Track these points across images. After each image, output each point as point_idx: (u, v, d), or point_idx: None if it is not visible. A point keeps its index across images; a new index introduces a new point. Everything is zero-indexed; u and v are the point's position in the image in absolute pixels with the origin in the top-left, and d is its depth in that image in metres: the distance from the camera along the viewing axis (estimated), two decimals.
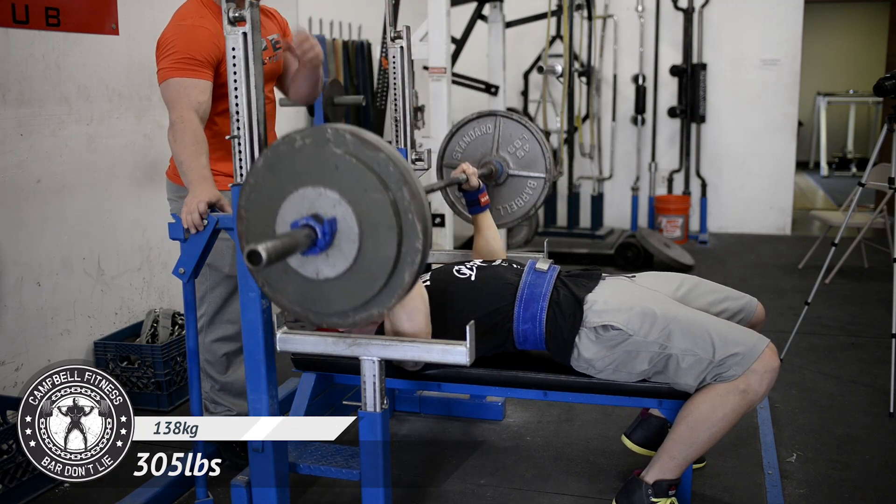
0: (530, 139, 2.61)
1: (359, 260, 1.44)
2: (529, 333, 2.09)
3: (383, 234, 1.42)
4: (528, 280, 2.13)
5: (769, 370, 1.92)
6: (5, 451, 2.27)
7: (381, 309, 1.49)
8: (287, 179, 1.47)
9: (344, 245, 1.44)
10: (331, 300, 1.51)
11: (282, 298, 1.56)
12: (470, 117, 2.68)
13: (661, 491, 2.04)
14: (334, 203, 1.43)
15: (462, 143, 2.69)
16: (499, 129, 2.63)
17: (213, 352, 2.46)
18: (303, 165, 1.45)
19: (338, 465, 1.96)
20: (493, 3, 4.88)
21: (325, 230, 1.43)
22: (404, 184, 1.41)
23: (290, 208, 1.46)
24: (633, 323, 2.00)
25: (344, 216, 1.43)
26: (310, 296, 1.52)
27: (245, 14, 1.66)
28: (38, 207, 2.68)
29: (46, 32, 2.66)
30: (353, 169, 1.41)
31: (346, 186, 1.42)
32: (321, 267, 1.47)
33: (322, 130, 1.45)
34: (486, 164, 2.61)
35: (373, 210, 1.41)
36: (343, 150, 1.43)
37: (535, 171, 2.63)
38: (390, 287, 1.46)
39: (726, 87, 6.23)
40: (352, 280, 1.47)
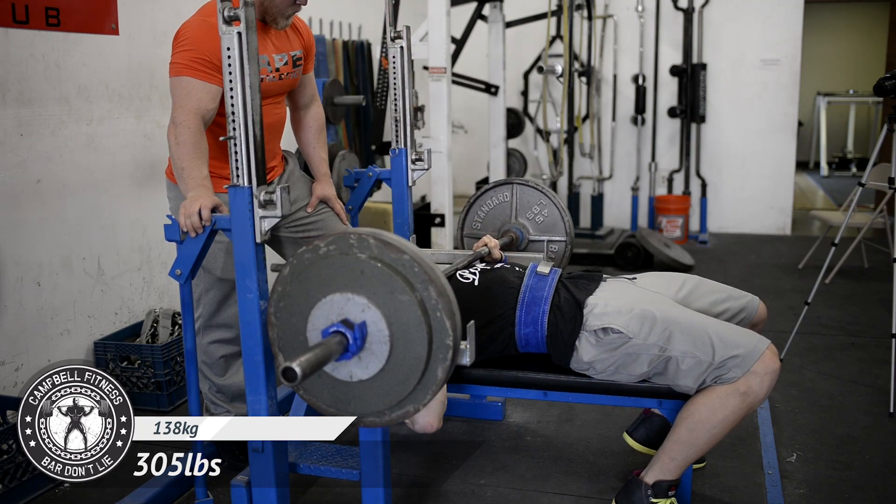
0: (548, 204, 2.65)
1: (391, 361, 1.47)
2: (531, 337, 2.10)
3: (413, 334, 1.44)
4: (530, 283, 2.14)
5: (769, 372, 1.92)
6: (5, 451, 2.27)
7: (416, 405, 1.51)
8: (315, 287, 1.50)
9: (375, 347, 1.47)
10: (366, 401, 1.53)
11: (317, 401, 1.59)
12: (487, 188, 2.71)
13: (661, 491, 2.04)
14: (363, 307, 1.45)
15: (481, 213, 2.73)
16: (516, 196, 2.67)
17: (210, 354, 2.46)
18: (329, 272, 1.48)
19: (338, 465, 1.97)
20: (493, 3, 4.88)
21: (356, 335, 1.45)
22: (430, 283, 1.43)
23: (319, 315, 1.49)
24: (633, 325, 2.00)
25: (373, 319, 1.45)
26: (345, 398, 1.55)
27: (240, 13, 1.66)
28: (38, 207, 2.68)
29: (46, 32, 2.66)
30: (378, 273, 1.44)
31: (373, 290, 1.45)
32: (354, 370, 1.50)
33: (345, 237, 1.48)
34: (506, 233, 2.64)
35: (401, 311, 1.44)
36: (367, 254, 1.45)
37: (556, 235, 2.66)
38: (424, 384, 1.48)
39: (726, 87, 6.23)
40: (385, 380, 1.49)
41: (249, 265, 1.77)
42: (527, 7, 5.57)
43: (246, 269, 1.78)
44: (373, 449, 1.88)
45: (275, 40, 2.28)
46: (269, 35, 2.26)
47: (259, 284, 1.79)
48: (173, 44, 2.15)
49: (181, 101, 2.08)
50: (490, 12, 4.92)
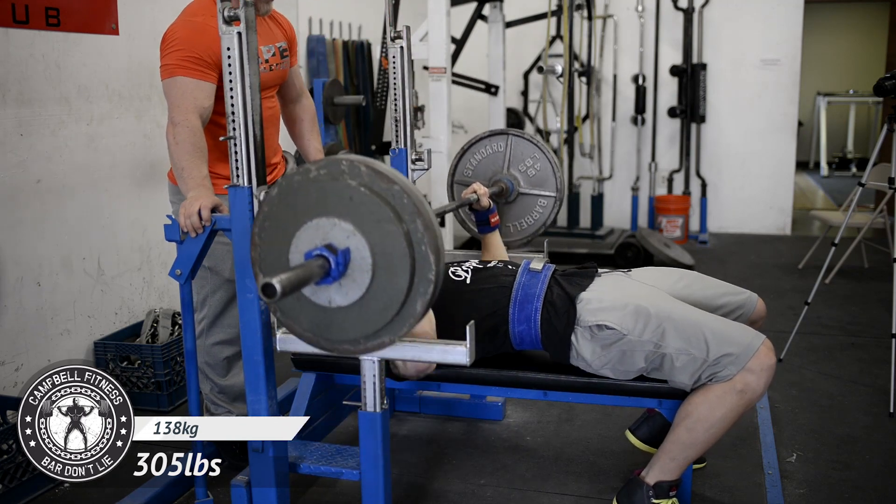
0: (541, 158, 2.63)
1: (371, 290, 1.46)
2: (525, 334, 2.09)
3: (396, 264, 1.43)
4: (523, 281, 2.13)
5: (765, 368, 1.92)
6: (5, 451, 2.27)
7: (392, 336, 1.51)
8: (302, 210, 1.49)
9: (357, 275, 1.46)
10: (343, 328, 1.53)
11: (294, 325, 1.58)
12: (482, 135, 2.70)
13: (662, 492, 2.04)
14: (348, 234, 1.45)
15: (473, 161, 2.71)
16: (510, 147, 2.65)
17: (213, 355, 2.46)
18: (318, 196, 1.47)
19: (338, 465, 1.96)
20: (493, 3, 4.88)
21: (338, 261, 1.44)
22: (418, 216, 1.43)
23: (304, 238, 1.48)
24: (627, 322, 2.00)
25: (357, 247, 1.45)
26: (322, 323, 1.54)
27: (240, 13, 1.66)
28: (38, 207, 2.68)
29: (46, 32, 2.66)
30: (367, 201, 1.43)
31: (361, 218, 1.44)
32: (334, 296, 1.49)
33: (337, 162, 1.47)
34: (496, 183, 2.63)
35: (386, 241, 1.43)
36: (358, 181, 1.45)
37: (546, 190, 2.65)
38: (402, 316, 1.48)
39: (726, 87, 6.23)
40: (364, 309, 1.49)
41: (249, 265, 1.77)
42: (527, 7, 5.57)
43: (246, 269, 1.78)
44: (373, 449, 1.88)
45: (261, 33, 2.27)
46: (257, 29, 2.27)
47: None
48: (161, 47, 2.14)
49: (177, 101, 2.08)
50: (490, 12, 4.92)
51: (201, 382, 2.50)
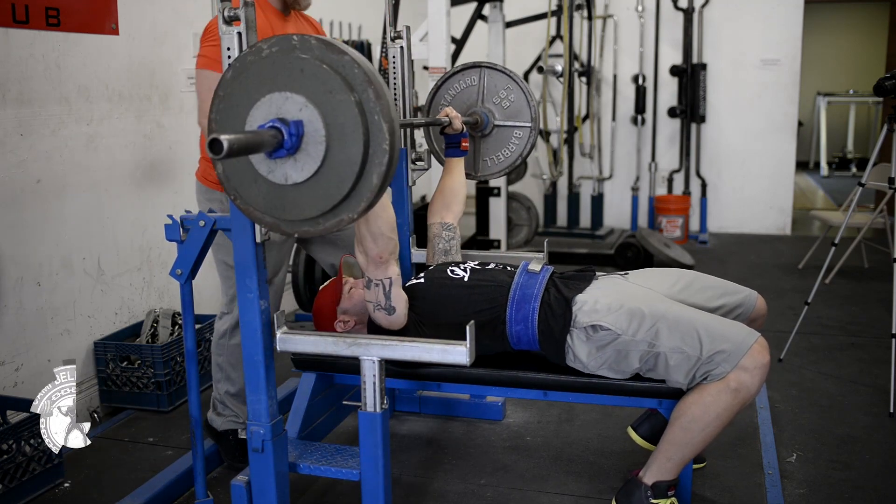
0: (515, 89, 2.62)
1: (326, 162, 1.45)
2: (522, 334, 2.10)
3: (349, 135, 1.42)
4: (521, 281, 2.14)
5: (759, 366, 1.92)
6: (5, 451, 2.27)
7: (350, 214, 1.49)
8: (254, 87, 1.48)
9: (311, 148, 1.45)
10: (300, 206, 1.51)
11: (253, 210, 1.57)
12: (455, 69, 2.67)
13: (660, 492, 2.04)
14: (300, 106, 1.44)
15: (447, 97, 2.69)
16: (483, 80, 2.63)
17: (237, 355, 2.45)
18: (270, 72, 1.47)
19: (338, 465, 1.97)
20: (493, 3, 4.88)
21: (291, 131, 1.43)
22: (369, 84, 1.42)
23: (257, 114, 1.48)
24: (622, 322, 2.00)
25: (310, 119, 1.44)
26: (279, 203, 1.53)
27: (240, 13, 1.66)
28: (38, 207, 2.68)
29: (46, 32, 2.66)
30: (318, 72, 1.43)
31: (312, 90, 1.43)
32: (290, 171, 1.48)
33: (288, 37, 1.47)
34: (471, 115, 2.61)
35: (339, 112, 1.42)
36: (309, 55, 1.44)
37: (521, 121, 2.63)
38: (359, 190, 1.46)
39: (726, 87, 6.23)
40: (320, 184, 1.47)
41: (249, 265, 1.77)
42: (527, 7, 5.57)
43: (246, 269, 1.78)
44: (373, 449, 1.88)
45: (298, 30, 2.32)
46: (289, 27, 2.32)
47: (259, 284, 1.79)
48: (203, 36, 2.20)
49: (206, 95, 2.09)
50: (490, 12, 4.92)
51: (217, 382, 2.50)
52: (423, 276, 2.25)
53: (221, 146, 1.27)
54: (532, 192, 6.26)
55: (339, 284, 2.20)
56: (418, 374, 2.20)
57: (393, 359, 1.84)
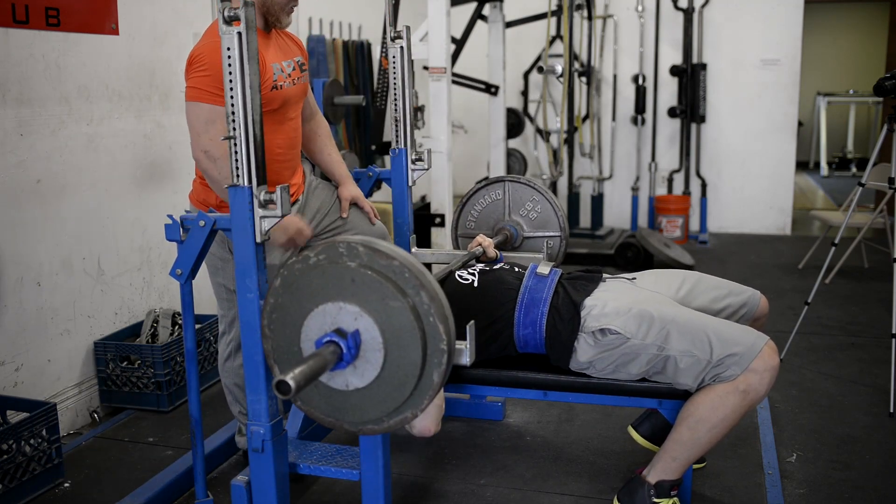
0: (541, 200, 2.64)
1: (386, 367, 1.47)
2: (530, 338, 2.10)
3: (407, 339, 1.44)
4: (529, 285, 2.14)
5: (768, 369, 1.92)
6: (5, 451, 2.27)
7: (414, 411, 1.51)
8: (306, 297, 1.50)
9: (370, 355, 1.47)
10: (363, 408, 1.53)
11: (314, 412, 1.59)
12: (478, 186, 2.71)
13: (664, 492, 2.04)
14: (355, 316, 1.45)
15: (474, 213, 2.72)
16: (508, 193, 2.67)
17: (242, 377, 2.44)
18: (320, 282, 1.48)
19: (338, 465, 1.97)
20: (493, 3, 4.89)
21: (349, 344, 1.45)
22: (421, 288, 1.43)
23: (312, 325, 1.49)
24: (631, 326, 2.00)
25: (367, 327, 1.45)
26: (342, 407, 1.55)
27: (240, 13, 1.66)
28: (38, 207, 2.68)
29: (46, 32, 2.66)
30: (369, 280, 1.44)
31: (365, 298, 1.45)
32: (350, 378, 1.50)
33: (334, 245, 1.48)
34: (500, 231, 2.64)
35: (394, 318, 1.44)
36: (357, 262, 1.45)
37: (550, 231, 2.65)
38: (420, 389, 1.48)
39: (726, 87, 6.23)
40: (382, 387, 1.49)
41: (249, 265, 1.77)
42: (527, 7, 5.58)
43: (246, 269, 1.78)
44: (373, 449, 1.88)
45: (279, 48, 2.28)
46: (271, 44, 2.25)
47: (259, 284, 1.79)
48: (189, 67, 2.11)
49: (205, 129, 2.06)
50: (490, 12, 4.92)
51: (230, 404, 2.51)
52: None
53: (289, 388, 1.30)
54: None
55: None
56: None
57: None
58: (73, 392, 2.85)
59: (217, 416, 2.88)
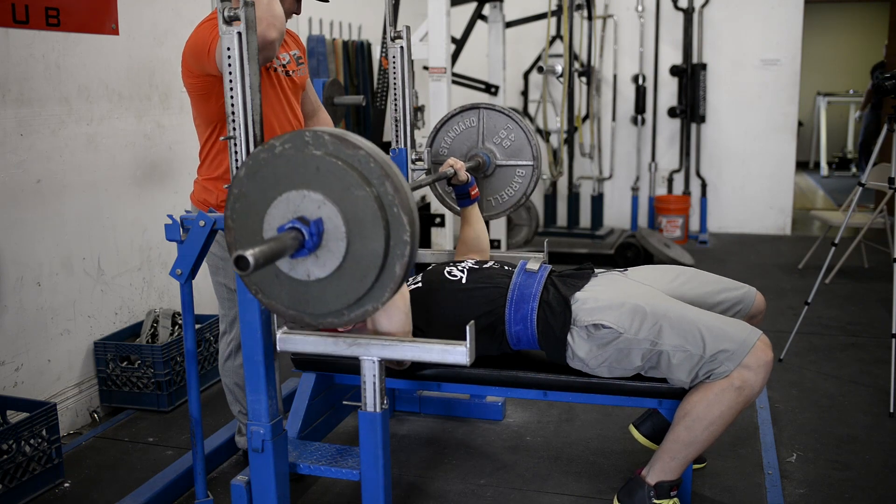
0: (515, 128, 2.63)
1: (348, 257, 1.45)
2: (522, 334, 2.10)
3: (370, 229, 1.43)
4: (519, 281, 2.14)
5: (762, 364, 1.92)
6: (5, 451, 2.27)
7: (375, 304, 1.49)
8: (270, 185, 1.48)
9: (332, 244, 1.45)
10: (324, 300, 1.52)
11: (276, 304, 1.57)
12: (453, 112, 2.69)
13: (664, 492, 2.04)
14: (319, 204, 1.44)
15: (448, 139, 2.71)
16: (483, 121, 2.65)
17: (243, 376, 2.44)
18: (284, 170, 1.47)
19: (338, 465, 1.96)
20: (493, 3, 4.88)
21: (311, 231, 1.44)
22: (386, 178, 1.42)
23: (275, 213, 1.48)
24: (624, 321, 2.00)
25: (330, 216, 1.44)
26: (303, 298, 1.53)
27: (240, 13, 1.66)
28: (38, 207, 2.68)
29: (46, 32, 2.66)
30: (334, 169, 1.43)
31: (329, 186, 1.43)
32: (311, 268, 1.48)
33: (300, 134, 1.47)
34: (473, 157, 2.63)
35: (357, 207, 1.42)
36: (323, 151, 1.44)
37: (523, 160, 2.64)
38: (382, 281, 1.47)
39: (726, 87, 6.23)
40: (343, 278, 1.47)
41: None
42: (527, 7, 5.57)
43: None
44: (373, 449, 1.88)
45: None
46: None
47: None
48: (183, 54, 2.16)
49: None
50: (490, 12, 4.92)
51: (230, 404, 2.51)
52: (420, 280, 2.24)
53: (248, 263, 1.28)
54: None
55: None
56: (418, 374, 2.20)
57: (393, 359, 1.84)
58: (73, 392, 2.85)
59: (217, 416, 2.88)
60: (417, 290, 2.19)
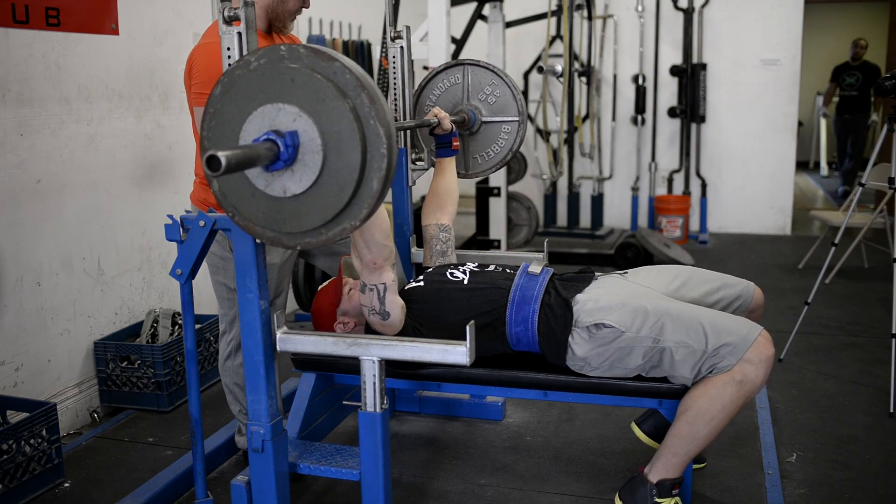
0: (500, 84, 2.61)
1: (325, 171, 1.43)
2: (522, 336, 2.10)
3: (346, 142, 1.40)
4: (520, 283, 2.14)
5: (764, 359, 1.93)
6: (5, 451, 2.27)
7: (352, 221, 1.46)
8: (246, 101, 1.46)
9: (308, 158, 1.43)
10: (301, 218, 1.49)
11: (253, 225, 1.54)
12: (437, 69, 2.67)
13: (665, 490, 2.04)
14: (294, 117, 1.42)
15: (433, 97, 2.69)
16: (467, 77, 2.63)
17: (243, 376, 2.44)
18: (260, 85, 1.44)
19: (338, 465, 1.96)
20: (493, 3, 4.88)
21: (286, 143, 1.41)
22: (362, 90, 1.40)
23: (250, 129, 1.45)
24: (625, 319, 2.00)
25: (305, 128, 1.42)
26: (280, 216, 1.50)
27: (240, 13, 1.66)
28: (38, 207, 2.68)
29: (46, 32, 2.66)
30: (309, 80, 1.40)
31: (305, 99, 1.41)
32: (287, 184, 1.45)
33: (276, 49, 1.44)
34: (458, 113, 2.61)
35: (333, 119, 1.40)
36: (298, 64, 1.42)
37: (509, 116, 2.63)
38: (360, 197, 1.44)
39: (726, 87, 6.23)
40: (320, 193, 1.45)
41: (249, 265, 1.77)
42: (527, 7, 5.57)
43: (246, 269, 1.78)
44: (373, 449, 1.88)
45: None
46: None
47: (259, 284, 1.79)
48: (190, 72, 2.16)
49: None
50: (490, 12, 4.92)
51: (230, 403, 2.51)
52: (421, 279, 2.25)
53: (219, 163, 1.25)
54: (532, 192, 6.26)
55: (338, 286, 2.20)
56: (418, 374, 2.20)
57: (393, 359, 1.84)
58: (73, 392, 2.85)
59: (217, 416, 2.88)
60: (419, 290, 2.19)
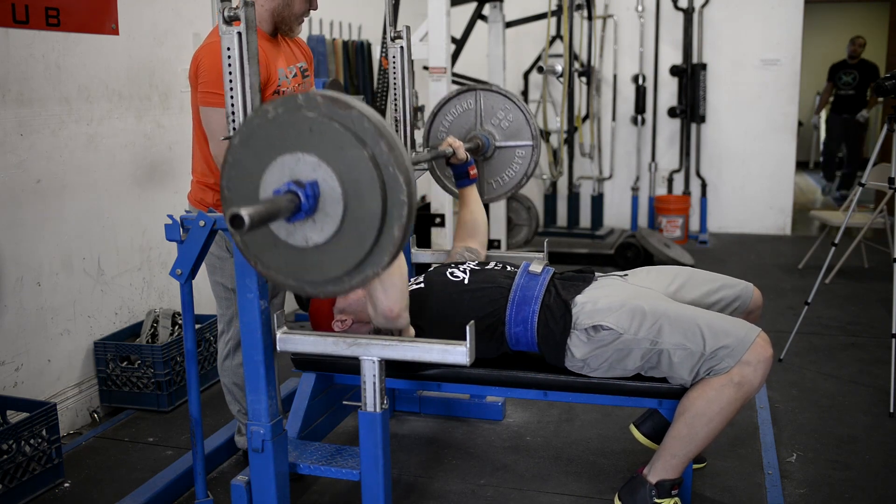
0: (513, 108, 2.61)
1: (346, 220, 1.43)
2: (522, 336, 2.10)
3: (366, 190, 1.40)
4: (521, 283, 2.14)
5: (762, 360, 1.93)
6: (5, 451, 2.27)
7: (375, 269, 1.46)
8: (264, 151, 1.46)
9: (329, 207, 1.43)
10: (323, 267, 1.49)
11: (275, 274, 1.55)
12: (450, 95, 2.67)
13: (665, 491, 2.04)
14: (314, 166, 1.42)
15: (445, 123, 2.69)
16: (480, 103, 2.63)
17: (241, 375, 2.44)
18: (278, 134, 1.45)
19: (338, 465, 1.97)
20: (493, 3, 4.88)
21: (307, 193, 1.41)
22: (381, 137, 1.40)
23: (270, 179, 1.45)
24: (623, 321, 2.00)
25: (325, 178, 1.42)
26: (302, 266, 1.51)
27: (240, 13, 1.66)
28: (38, 207, 2.68)
29: (46, 32, 2.66)
30: (327, 129, 1.41)
31: (323, 148, 1.41)
32: (309, 233, 1.46)
33: (293, 98, 1.45)
34: (471, 140, 2.61)
35: (353, 167, 1.40)
36: (315, 112, 1.42)
37: (522, 140, 2.63)
38: (381, 244, 1.44)
39: (726, 87, 6.23)
40: (342, 242, 1.45)
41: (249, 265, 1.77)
42: (527, 7, 5.57)
43: (246, 269, 1.78)
44: (373, 449, 1.88)
45: (285, 54, 2.31)
46: (281, 49, 2.30)
47: (259, 284, 1.79)
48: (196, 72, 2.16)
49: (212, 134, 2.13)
50: (490, 12, 4.92)
51: (229, 403, 2.51)
52: (422, 280, 2.25)
53: (243, 221, 1.25)
54: (532, 192, 6.26)
55: None
56: (418, 374, 2.20)
57: (393, 359, 1.84)
58: (73, 392, 2.85)
59: (217, 416, 2.88)
60: (419, 291, 2.19)
